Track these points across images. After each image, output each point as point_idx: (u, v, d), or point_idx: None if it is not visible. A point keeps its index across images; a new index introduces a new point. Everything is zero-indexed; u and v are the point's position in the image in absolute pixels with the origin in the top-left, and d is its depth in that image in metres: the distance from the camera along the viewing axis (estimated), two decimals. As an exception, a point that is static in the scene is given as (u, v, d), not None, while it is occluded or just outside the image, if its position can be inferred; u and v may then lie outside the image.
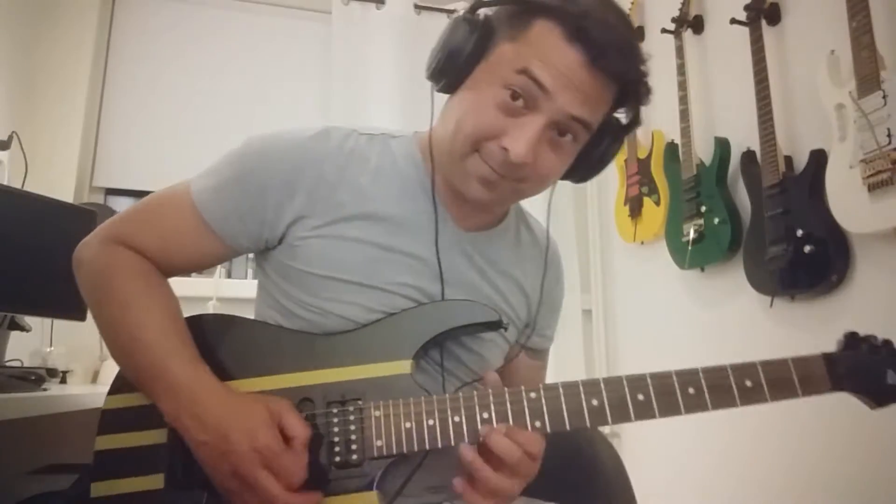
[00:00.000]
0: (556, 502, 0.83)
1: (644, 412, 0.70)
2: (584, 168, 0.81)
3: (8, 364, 1.48)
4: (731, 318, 1.82)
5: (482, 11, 0.77)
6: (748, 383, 0.71)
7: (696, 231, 1.84)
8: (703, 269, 1.89)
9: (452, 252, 0.82)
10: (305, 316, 0.79)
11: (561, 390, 0.71)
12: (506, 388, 0.72)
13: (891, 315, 1.33)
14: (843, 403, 1.53)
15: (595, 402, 0.70)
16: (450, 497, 0.83)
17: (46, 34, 2.24)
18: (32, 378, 1.28)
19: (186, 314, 0.80)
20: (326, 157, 0.80)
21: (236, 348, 0.78)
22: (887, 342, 0.73)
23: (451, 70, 0.75)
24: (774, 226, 1.54)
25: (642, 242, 2.21)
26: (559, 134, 0.74)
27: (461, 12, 0.77)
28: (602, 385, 0.71)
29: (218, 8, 2.57)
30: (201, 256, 0.82)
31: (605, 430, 2.34)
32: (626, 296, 2.40)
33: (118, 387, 0.77)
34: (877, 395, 0.72)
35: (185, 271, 0.84)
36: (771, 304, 1.58)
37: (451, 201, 0.83)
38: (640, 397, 0.70)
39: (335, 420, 0.72)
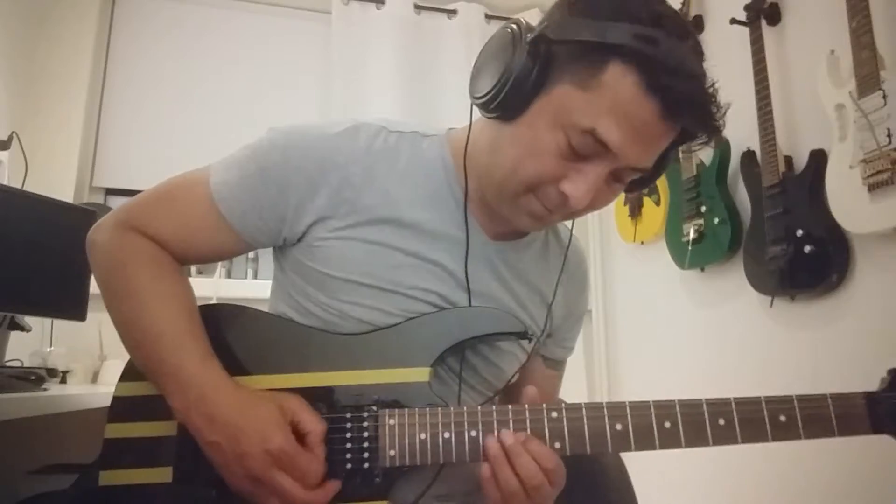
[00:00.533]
0: (557, 503, 0.83)
1: (670, 441, 0.67)
2: (632, 187, 0.78)
3: (8, 364, 1.48)
4: (731, 318, 1.82)
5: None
6: (782, 418, 0.68)
7: (696, 231, 1.84)
8: (703, 269, 1.89)
9: (477, 261, 0.80)
10: (322, 316, 0.77)
11: (584, 412, 0.68)
12: (526, 406, 0.69)
13: (891, 315, 1.33)
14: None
15: (619, 427, 0.68)
16: (454, 501, 0.83)
17: (46, 34, 2.25)
18: (32, 378, 1.28)
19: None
20: (354, 157, 0.77)
21: (251, 342, 0.76)
22: None
23: (508, 104, 0.68)
24: (774, 226, 1.54)
25: (642, 242, 2.21)
26: (615, 179, 0.71)
27: (513, 28, 0.69)
28: (628, 409, 0.68)
29: (218, 8, 2.57)
30: (217, 249, 0.80)
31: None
32: (626, 296, 2.40)
33: (128, 372, 0.75)
34: None
35: (202, 261, 0.82)
36: (771, 304, 1.58)
37: (480, 210, 0.81)
38: (667, 425, 0.68)
39: (349, 425, 0.71)
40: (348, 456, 0.70)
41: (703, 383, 1.92)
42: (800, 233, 1.48)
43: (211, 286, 2.13)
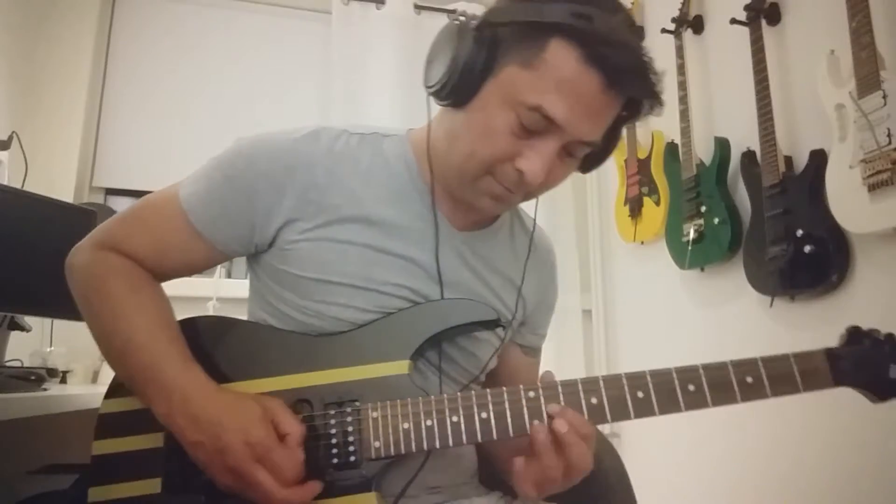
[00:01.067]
0: (556, 502, 0.83)
1: (644, 410, 0.70)
2: (586, 164, 0.82)
3: (8, 364, 1.48)
4: (731, 318, 1.82)
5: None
6: (749, 379, 0.71)
7: (696, 231, 1.84)
8: (703, 269, 1.89)
9: (446, 252, 0.82)
10: (299, 318, 0.78)
11: (560, 389, 0.71)
12: (504, 388, 0.72)
13: (891, 315, 1.33)
14: (844, 404, 1.53)
15: (594, 401, 0.70)
16: (449, 497, 0.83)
17: (46, 34, 2.25)
18: (32, 378, 1.28)
19: (187, 314, 0.80)
20: (316, 159, 0.79)
21: (232, 351, 0.77)
22: (890, 336, 0.72)
23: (459, 89, 0.72)
24: (774, 226, 1.54)
25: (642, 242, 2.21)
26: (568, 153, 0.74)
27: (460, 19, 0.74)
28: (601, 383, 0.71)
29: (218, 8, 2.57)
30: (193, 261, 0.82)
31: (606, 430, 2.34)
32: (626, 296, 2.40)
33: (114, 390, 0.77)
34: (879, 390, 0.72)
35: (178, 275, 0.83)
36: (771, 304, 1.58)
37: (445, 202, 0.83)
38: (640, 395, 0.70)
39: (332, 421, 0.72)
40: (334, 451, 0.71)
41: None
42: (800, 233, 1.47)
43: (211, 286, 2.13)
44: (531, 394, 0.71)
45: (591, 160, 0.81)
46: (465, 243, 0.84)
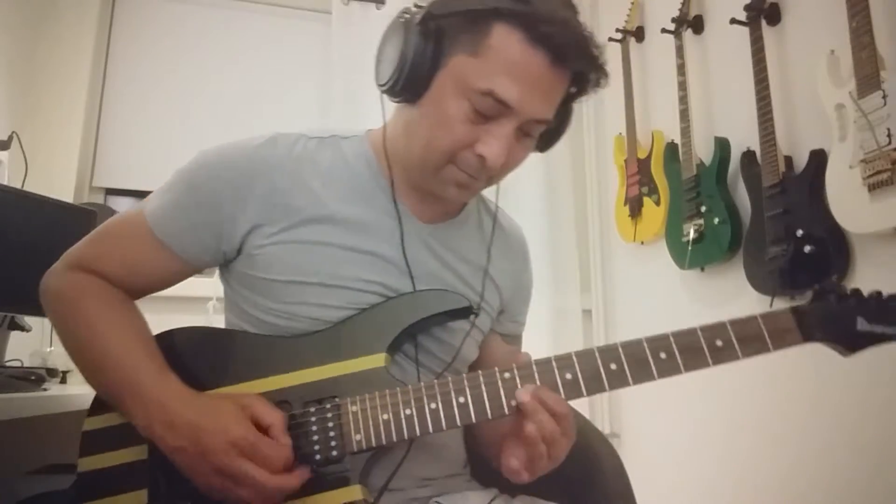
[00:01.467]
0: (556, 502, 0.83)
1: (618, 381, 0.71)
2: (543, 142, 0.83)
3: (8, 364, 1.48)
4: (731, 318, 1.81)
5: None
6: (719, 342, 0.71)
7: (696, 231, 1.84)
8: (703, 269, 1.89)
9: (414, 245, 0.83)
10: (275, 322, 0.79)
11: (534, 368, 0.72)
12: (480, 371, 0.73)
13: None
14: (844, 404, 1.53)
15: (569, 376, 0.71)
16: (440, 490, 0.83)
17: (46, 34, 2.24)
18: (32, 378, 1.28)
19: (187, 314, 0.81)
20: (275, 164, 0.80)
21: (210, 359, 0.78)
22: (855, 290, 0.73)
23: (411, 85, 0.74)
24: (774, 226, 1.54)
25: (642, 242, 2.21)
26: (524, 133, 0.76)
27: (405, 15, 0.75)
28: (574, 358, 0.72)
29: (218, 8, 2.57)
30: (164, 276, 0.83)
31: (605, 430, 2.34)
32: (626, 296, 2.40)
33: (95, 408, 0.77)
34: (848, 343, 0.73)
35: (152, 290, 0.85)
36: (771, 304, 1.58)
37: (410, 197, 0.84)
38: (613, 367, 0.71)
39: (313, 419, 0.73)
40: (316, 448, 0.72)
41: (704, 383, 1.91)
42: (800, 233, 1.48)
43: (211, 286, 2.12)
44: (506, 375, 0.72)
45: (548, 138, 0.83)
46: (433, 235, 0.85)
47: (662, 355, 0.71)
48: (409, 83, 0.74)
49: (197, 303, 1.86)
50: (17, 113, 2.10)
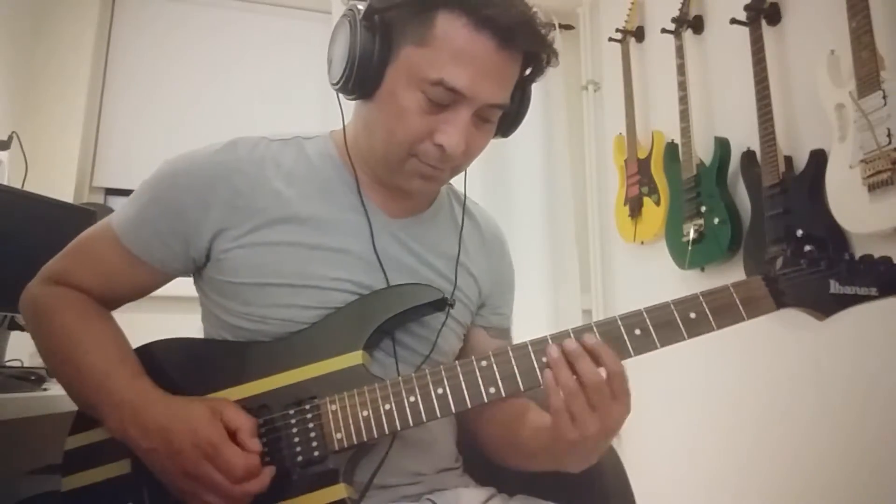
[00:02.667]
0: (555, 502, 0.83)
1: None
2: (504, 127, 0.83)
3: (8, 364, 1.48)
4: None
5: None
6: (692, 315, 0.71)
7: (696, 231, 1.84)
8: (703, 269, 1.89)
9: (385, 240, 0.83)
10: (248, 326, 0.79)
11: (511, 353, 0.71)
12: (457, 361, 0.72)
13: (891, 315, 1.33)
14: (844, 405, 1.52)
15: (545, 360, 0.70)
16: (431, 486, 0.83)
17: (46, 34, 2.25)
18: (32, 378, 1.28)
19: (185, 314, 0.81)
20: (236, 167, 0.80)
21: (188, 369, 0.78)
22: (825, 254, 0.73)
23: (362, 81, 0.74)
24: (774, 226, 1.54)
25: (642, 242, 2.21)
26: (482, 119, 0.76)
27: (349, 12, 0.75)
28: (549, 341, 0.71)
29: (218, 8, 2.57)
30: (138, 285, 0.84)
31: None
32: (626, 296, 2.40)
33: (77, 426, 0.78)
34: (822, 307, 0.72)
35: (129, 300, 0.85)
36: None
37: (377, 193, 0.84)
38: None
39: (293, 420, 0.72)
40: (298, 449, 0.72)
41: (704, 383, 1.92)
42: (800, 233, 1.47)
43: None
44: (483, 363, 0.71)
45: (508, 123, 0.83)
46: (403, 230, 0.85)
47: (637, 332, 0.71)
48: (360, 79, 0.74)
49: (196, 302, 1.86)
50: (17, 113, 2.10)
